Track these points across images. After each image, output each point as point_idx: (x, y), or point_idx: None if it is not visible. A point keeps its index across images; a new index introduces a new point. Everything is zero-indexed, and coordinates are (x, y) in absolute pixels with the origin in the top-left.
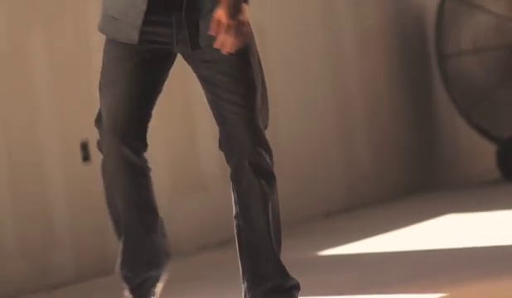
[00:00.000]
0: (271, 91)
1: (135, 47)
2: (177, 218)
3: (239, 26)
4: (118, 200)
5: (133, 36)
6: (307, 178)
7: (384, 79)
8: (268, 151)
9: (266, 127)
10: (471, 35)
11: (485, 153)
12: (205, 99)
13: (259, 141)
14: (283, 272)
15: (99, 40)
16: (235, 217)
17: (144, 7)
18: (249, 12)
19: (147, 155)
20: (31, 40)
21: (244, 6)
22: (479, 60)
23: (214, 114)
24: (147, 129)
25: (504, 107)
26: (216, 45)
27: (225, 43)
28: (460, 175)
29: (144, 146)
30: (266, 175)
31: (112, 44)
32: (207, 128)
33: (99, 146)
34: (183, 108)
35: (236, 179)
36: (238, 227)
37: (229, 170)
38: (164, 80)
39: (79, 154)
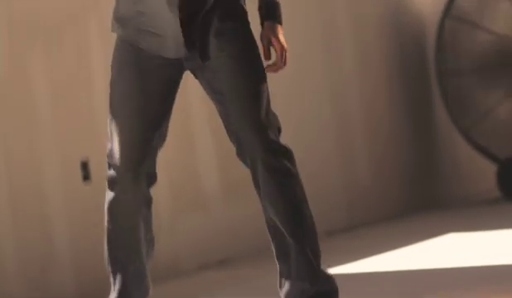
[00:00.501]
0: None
1: (145, 77)
2: (177, 236)
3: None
4: (127, 239)
5: (180, 52)
6: (308, 197)
7: (385, 98)
8: (284, 153)
9: (280, 131)
10: (471, 54)
11: (485, 172)
12: (204, 117)
13: (270, 145)
14: (313, 275)
15: (99, 61)
16: (266, 221)
17: (178, 23)
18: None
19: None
20: (31, 61)
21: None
22: (479, 79)
23: (224, 125)
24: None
25: (503, 126)
26: (277, 69)
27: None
28: (460, 194)
29: (156, 175)
30: (282, 174)
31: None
32: (207, 146)
33: (111, 184)
34: (183, 125)
35: (256, 184)
36: (269, 231)
37: (229, 188)
38: (173, 101)
39: (79, 173)
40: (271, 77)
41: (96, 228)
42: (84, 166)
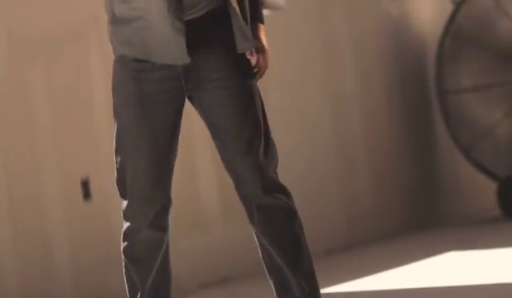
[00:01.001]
0: (272, 128)
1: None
2: (178, 255)
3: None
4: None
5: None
6: (308, 215)
7: (385, 116)
8: (282, 189)
9: (277, 165)
10: (471, 72)
11: (485, 190)
12: (205, 137)
13: (269, 184)
14: None
15: (100, 78)
16: (263, 258)
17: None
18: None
19: None
20: (31, 77)
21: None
22: (479, 97)
23: (221, 159)
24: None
25: (504, 144)
26: (260, 76)
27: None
28: (460, 213)
29: (171, 200)
30: (282, 212)
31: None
32: (208, 166)
33: (126, 217)
34: (184, 146)
35: (252, 220)
36: (266, 267)
37: (229, 207)
38: (179, 129)
39: (79, 192)
40: (271, 92)
41: (96, 246)
42: (85, 185)
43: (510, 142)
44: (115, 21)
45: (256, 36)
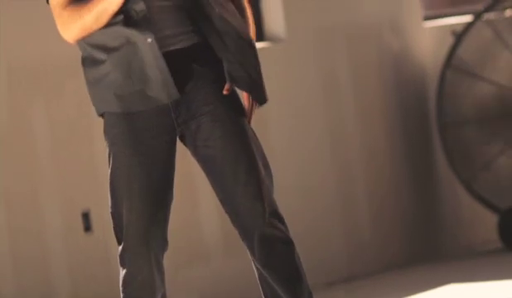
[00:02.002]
0: (272, 163)
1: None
2: (178, 286)
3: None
4: None
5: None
6: (308, 247)
7: (386, 149)
8: (281, 219)
9: (272, 194)
10: (472, 104)
11: (486, 223)
12: None
13: (270, 213)
14: None
15: None
16: (262, 288)
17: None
18: None
19: None
20: (32, 111)
21: None
22: (480, 129)
23: (218, 194)
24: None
25: (505, 177)
26: (250, 119)
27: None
28: (461, 245)
29: (167, 242)
30: (280, 244)
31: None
32: (208, 196)
33: (123, 260)
34: (184, 176)
35: (253, 252)
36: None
37: (230, 239)
38: (174, 167)
39: (80, 224)
40: (270, 124)
41: (96, 277)
42: (86, 217)
43: (511, 174)
44: (92, 82)
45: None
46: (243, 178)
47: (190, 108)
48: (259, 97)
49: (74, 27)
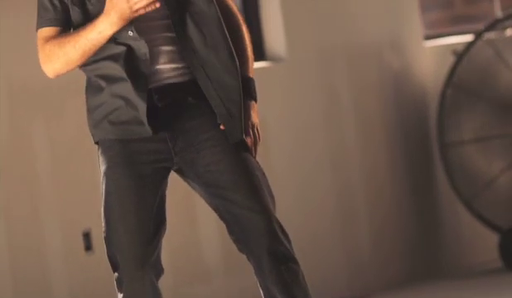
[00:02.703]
0: (272, 182)
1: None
2: None
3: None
4: None
5: (146, 131)
6: (308, 268)
7: (386, 168)
8: (286, 236)
9: (274, 210)
10: (473, 124)
11: (487, 242)
12: None
13: (276, 230)
14: None
15: None
16: None
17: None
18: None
19: None
20: (33, 131)
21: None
22: (481, 149)
23: (221, 216)
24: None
25: (506, 196)
26: (255, 152)
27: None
28: (462, 265)
29: (162, 268)
30: (289, 262)
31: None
32: (208, 216)
33: (120, 286)
34: (184, 196)
35: (259, 272)
36: None
37: (231, 257)
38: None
39: (81, 244)
40: (270, 144)
41: (97, 297)
42: (87, 237)
43: None
44: (89, 110)
45: (247, 116)
46: (249, 197)
47: (187, 137)
48: (234, 134)
49: (56, 62)
